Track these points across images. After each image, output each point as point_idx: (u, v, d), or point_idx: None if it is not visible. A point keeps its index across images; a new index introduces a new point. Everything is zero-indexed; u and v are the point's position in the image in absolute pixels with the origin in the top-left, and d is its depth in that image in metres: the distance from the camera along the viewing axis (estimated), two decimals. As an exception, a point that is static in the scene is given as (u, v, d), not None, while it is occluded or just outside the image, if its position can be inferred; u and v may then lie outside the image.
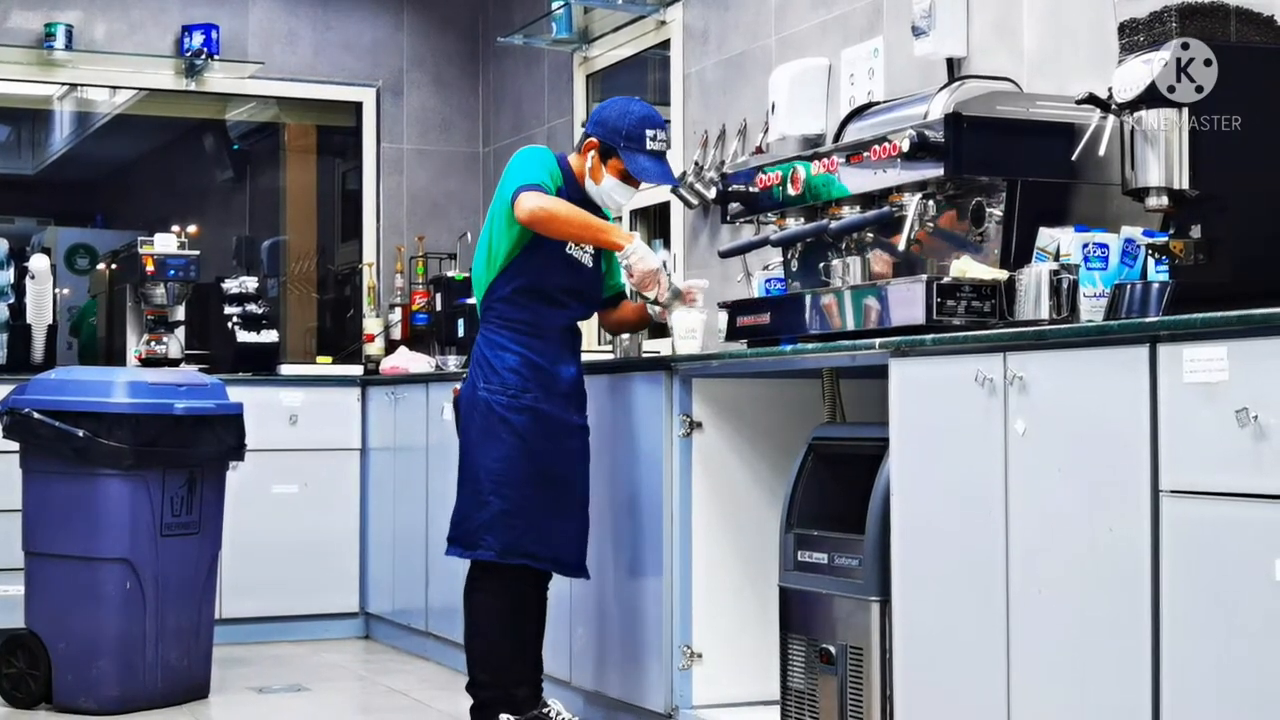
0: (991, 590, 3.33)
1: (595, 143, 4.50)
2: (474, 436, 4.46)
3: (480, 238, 4.61)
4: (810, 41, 5.36)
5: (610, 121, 4.49)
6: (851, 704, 3.80)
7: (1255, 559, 2.70)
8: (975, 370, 3.36)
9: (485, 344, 4.49)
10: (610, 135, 4.48)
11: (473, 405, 4.46)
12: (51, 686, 5.27)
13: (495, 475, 4.40)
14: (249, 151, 8.69)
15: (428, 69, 7.95)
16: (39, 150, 9.01)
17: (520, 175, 4.38)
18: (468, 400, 4.49)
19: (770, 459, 4.57)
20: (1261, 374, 2.70)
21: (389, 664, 6.37)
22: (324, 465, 6.94)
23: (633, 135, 4.46)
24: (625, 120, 4.48)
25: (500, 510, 4.40)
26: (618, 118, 4.49)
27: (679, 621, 4.55)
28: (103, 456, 5.19)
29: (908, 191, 4.06)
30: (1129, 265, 3.55)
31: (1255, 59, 3.29)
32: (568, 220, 4.34)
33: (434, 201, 7.91)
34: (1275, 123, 3.26)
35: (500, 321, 4.49)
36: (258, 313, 7.16)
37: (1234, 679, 2.75)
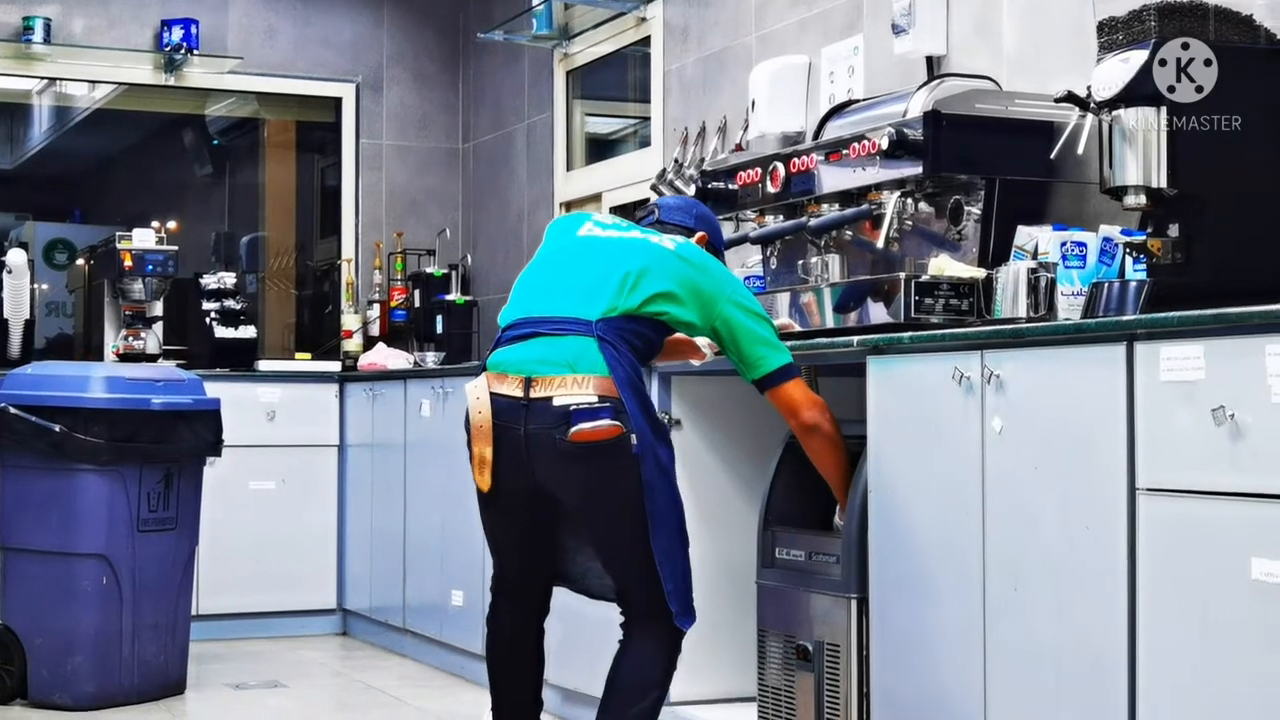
0: (968, 588, 3.33)
1: (705, 238, 3.93)
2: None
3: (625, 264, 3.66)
4: (790, 39, 5.37)
5: (713, 220, 4.02)
6: (828, 701, 3.80)
7: (1232, 557, 2.71)
8: (953, 368, 3.37)
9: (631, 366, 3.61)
10: (717, 236, 4.01)
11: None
12: (27, 682, 5.26)
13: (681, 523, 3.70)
14: (228, 147, 8.66)
15: (408, 65, 7.94)
16: (17, 145, 8.97)
17: (780, 343, 3.69)
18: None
19: (748, 457, 4.57)
20: (1238, 373, 2.70)
21: (366, 661, 6.36)
22: (302, 461, 6.93)
23: (723, 239, 4.09)
24: (718, 223, 4.08)
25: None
26: (713, 216, 4.05)
27: (656, 618, 4.55)
28: (79, 452, 5.18)
29: (887, 189, 4.06)
30: (1107, 264, 3.56)
31: (1233, 59, 3.30)
32: (839, 453, 3.73)
33: (413, 198, 7.90)
34: (1253, 122, 3.27)
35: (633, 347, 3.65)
36: (236, 308, 7.14)
37: (1210, 677, 2.76)
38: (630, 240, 3.73)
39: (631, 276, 3.60)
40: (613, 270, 3.62)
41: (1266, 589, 2.64)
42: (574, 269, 3.69)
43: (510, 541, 3.78)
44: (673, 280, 3.63)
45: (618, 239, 3.73)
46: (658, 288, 3.61)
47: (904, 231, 4.07)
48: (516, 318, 3.66)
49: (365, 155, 7.87)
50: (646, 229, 3.84)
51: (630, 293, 3.58)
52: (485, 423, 3.55)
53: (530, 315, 3.64)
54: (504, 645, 3.86)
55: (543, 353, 3.55)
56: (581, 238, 3.78)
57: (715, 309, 3.67)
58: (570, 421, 3.46)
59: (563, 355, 3.52)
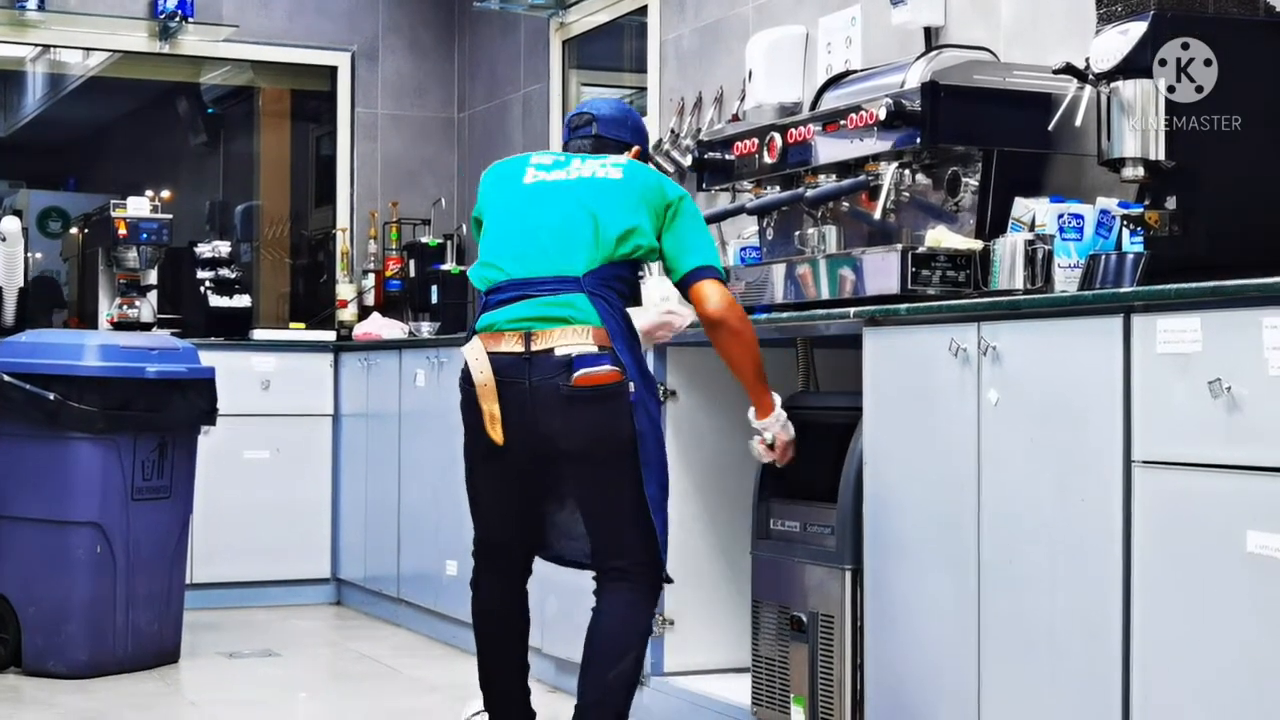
0: (963, 559, 3.33)
1: (639, 151, 4.00)
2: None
3: (597, 216, 3.74)
4: (787, 9, 5.35)
5: (645, 130, 4.07)
6: (822, 672, 3.81)
7: (1227, 530, 2.71)
8: (949, 340, 3.36)
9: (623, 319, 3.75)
10: (647, 145, 4.09)
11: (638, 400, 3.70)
12: (21, 650, 5.27)
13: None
14: (223, 115, 8.64)
15: (403, 34, 7.91)
16: (11, 112, 8.95)
17: (709, 248, 3.78)
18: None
19: (744, 427, 4.56)
20: (1234, 345, 2.70)
21: (360, 630, 6.37)
22: (296, 431, 6.92)
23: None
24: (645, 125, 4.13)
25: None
26: (644, 124, 4.10)
27: (651, 589, 4.56)
28: (73, 420, 5.17)
29: (884, 161, 4.05)
30: (1104, 236, 3.55)
31: (1232, 31, 3.29)
32: (748, 350, 3.76)
33: (408, 167, 7.88)
34: (1252, 96, 3.27)
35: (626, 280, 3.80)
36: (231, 277, 7.13)
37: (1205, 649, 2.76)
38: (580, 181, 3.79)
39: (599, 223, 3.69)
40: (579, 222, 3.71)
41: (1262, 561, 2.64)
42: (541, 224, 3.75)
43: (499, 503, 3.84)
44: (632, 212, 3.72)
45: (566, 181, 3.80)
46: (624, 224, 3.70)
47: (901, 203, 4.06)
48: (500, 280, 3.74)
49: (360, 124, 7.85)
50: (586, 156, 3.87)
51: (604, 241, 3.68)
52: (489, 380, 3.64)
53: (515, 278, 3.72)
54: (490, 610, 3.92)
55: (538, 310, 3.65)
56: (531, 186, 3.83)
57: (664, 221, 3.77)
58: (573, 368, 3.58)
59: (558, 311, 3.63)
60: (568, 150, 3.97)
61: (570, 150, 3.96)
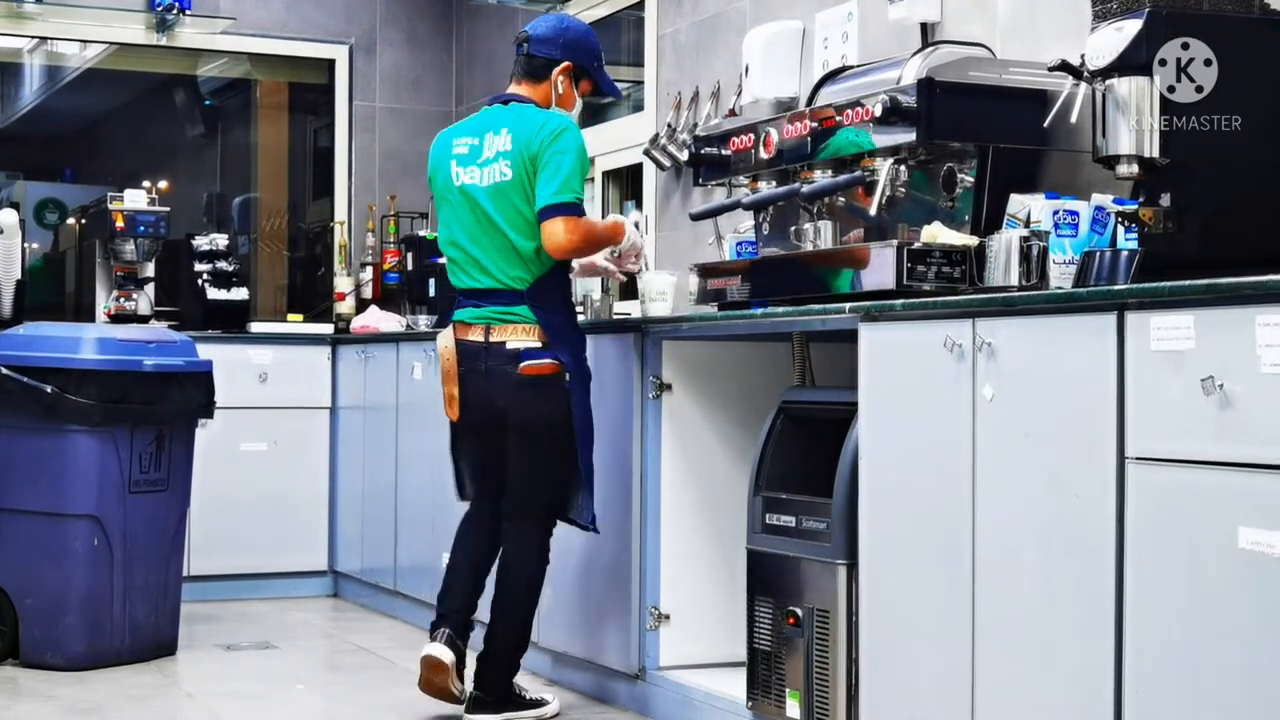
0: (958, 555, 3.34)
1: (570, 66, 4.48)
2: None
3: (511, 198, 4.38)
4: (784, 4, 5.35)
5: (581, 43, 4.51)
6: (817, 666, 3.82)
7: (1220, 526, 2.72)
8: (944, 336, 3.37)
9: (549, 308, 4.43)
10: (584, 57, 4.50)
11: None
12: (18, 642, 5.27)
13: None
14: (220, 108, 8.63)
15: (401, 26, 7.91)
16: (8, 104, 8.94)
17: (571, 183, 4.31)
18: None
19: (740, 422, 4.59)
20: (1227, 343, 2.71)
21: (357, 622, 6.38)
22: (294, 423, 6.93)
23: (598, 53, 4.54)
24: (590, 39, 4.55)
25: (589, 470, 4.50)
26: (583, 37, 4.53)
27: (647, 583, 4.57)
28: (71, 413, 5.18)
29: (880, 156, 4.06)
30: (1099, 233, 3.56)
31: (1227, 28, 3.30)
32: (595, 243, 4.48)
33: (406, 160, 7.87)
34: (1247, 93, 3.27)
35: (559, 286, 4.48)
36: (228, 270, 7.13)
37: (1198, 646, 2.77)
38: (491, 190, 4.36)
39: (517, 247, 4.34)
40: (502, 246, 4.36)
41: (1254, 558, 2.65)
42: (478, 241, 4.40)
43: (469, 460, 4.64)
44: (526, 204, 4.32)
45: (479, 191, 4.39)
46: (532, 239, 4.33)
47: (897, 198, 4.07)
48: (466, 286, 4.47)
49: (358, 117, 7.85)
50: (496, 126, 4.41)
51: (527, 258, 4.35)
52: (451, 366, 4.46)
53: (474, 287, 4.44)
54: (465, 525, 4.66)
55: (495, 313, 4.40)
56: (458, 191, 4.44)
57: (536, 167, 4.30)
58: (520, 359, 4.35)
59: (509, 317, 4.39)
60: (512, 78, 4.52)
61: (512, 75, 4.51)
